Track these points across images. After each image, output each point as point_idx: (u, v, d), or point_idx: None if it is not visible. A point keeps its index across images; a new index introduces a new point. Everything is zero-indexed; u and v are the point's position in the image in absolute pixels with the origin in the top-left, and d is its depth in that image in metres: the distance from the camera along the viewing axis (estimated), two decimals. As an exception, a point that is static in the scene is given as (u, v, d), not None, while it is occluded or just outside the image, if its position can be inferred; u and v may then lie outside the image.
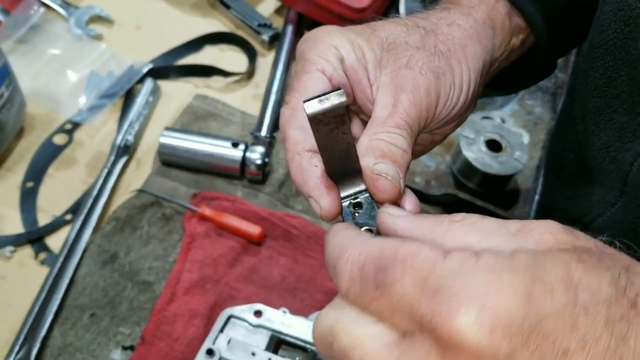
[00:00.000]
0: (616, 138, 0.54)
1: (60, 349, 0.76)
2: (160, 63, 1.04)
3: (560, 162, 0.66)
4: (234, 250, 0.86)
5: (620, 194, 0.55)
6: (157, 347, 0.77)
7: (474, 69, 0.50)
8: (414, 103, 0.45)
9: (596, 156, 0.57)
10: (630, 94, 0.52)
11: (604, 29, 0.54)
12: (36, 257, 0.83)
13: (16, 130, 0.93)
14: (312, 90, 0.45)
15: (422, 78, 0.46)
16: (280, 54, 1.05)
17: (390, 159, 0.43)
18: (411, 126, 0.45)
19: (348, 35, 0.48)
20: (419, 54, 0.48)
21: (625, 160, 0.53)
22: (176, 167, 0.93)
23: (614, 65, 0.53)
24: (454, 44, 0.50)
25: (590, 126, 0.58)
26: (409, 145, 0.44)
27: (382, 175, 0.42)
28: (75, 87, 1.00)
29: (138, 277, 0.83)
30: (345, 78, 0.48)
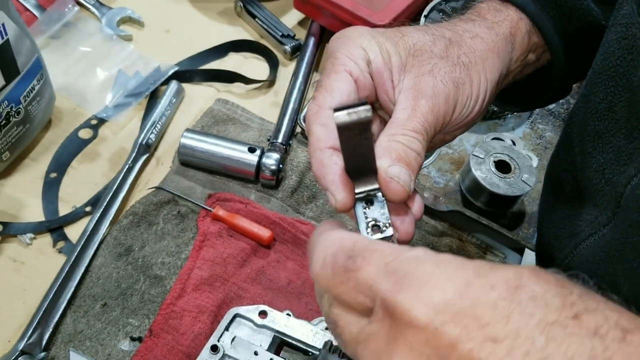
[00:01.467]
0: (613, 161, 0.56)
1: (71, 335, 0.80)
2: (186, 66, 1.08)
3: (558, 183, 0.69)
4: (243, 251, 0.89)
5: (613, 215, 0.56)
6: (164, 340, 0.79)
7: (491, 81, 0.54)
8: (432, 109, 0.49)
9: (592, 178, 0.59)
10: (628, 119, 0.54)
11: (607, 56, 0.56)
12: (54, 245, 0.87)
13: (44, 123, 0.97)
14: (338, 89, 0.49)
15: (442, 86, 0.50)
16: (301, 65, 1.08)
17: (404, 162, 0.47)
18: (427, 131, 0.48)
19: (378, 38, 0.51)
20: (442, 63, 0.51)
21: (619, 182, 0.55)
22: (194, 167, 0.96)
23: (614, 91, 0.55)
24: (475, 56, 0.53)
25: (587, 148, 0.60)
26: (423, 149, 0.48)
27: (395, 178, 0.46)
28: (103, 85, 1.04)
29: (150, 271, 0.86)
30: (370, 80, 0.51)
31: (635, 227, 0.52)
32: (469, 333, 0.32)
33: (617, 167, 0.56)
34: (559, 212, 0.69)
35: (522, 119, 1.14)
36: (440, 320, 0.33)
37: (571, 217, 0.65)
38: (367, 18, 1.06)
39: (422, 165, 0.49)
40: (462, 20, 0.58)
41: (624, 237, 0.54)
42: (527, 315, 0.32)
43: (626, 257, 0.54)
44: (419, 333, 0.33)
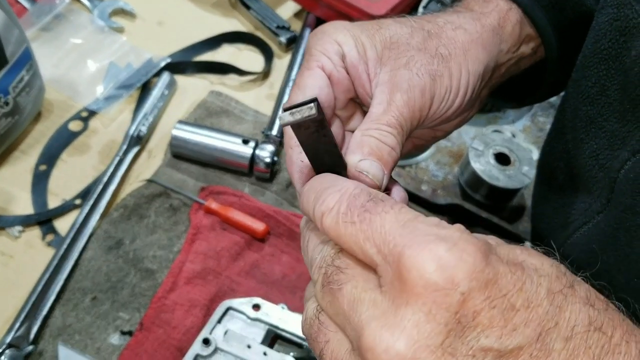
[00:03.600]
0: (606, 146, 0.55)
1: (60, 329, 0.77)
2: (179, 58, 1.06)
3: (551, 172, 0.67)
4: (237, 244, 0.87)
5: (607, 202, 0.55)
6: (155, 334, 0.77)
7: (474, 73, 0.51)
8: (407, 103, 0.47)
9: (585, 165, 0.58)
10: (621, 102, 0.52)
11: (598, 39, 0.54)
12: (43, 238, 0.85)
13: (33, 115, 0.95)
14: (310, 86, 0.47)
15: (418, 79, 0.48)
16: (296, 57, 1.07)
17: (376, 156, 0.45)
18: (402, 125, 0.47)
19: (353, 31, 0.50)
20: (418, 56, 0.49)
21: (613, 167, 0.53)
22: (186, 160, 0.94)
23: (607, 74, 0.54)
24: (455, 47, 0.51)
25: (580, 134, 0.58)
26: (397, 143, 0.46)
27: (364, 173, 0.44)
28: (94, 77, 1.02)
29: (141, 264, 0.84)
30: (345, 74, 0.49)
31: (628, 212, 0.51)
32: (493, 301, 0.32)
33: (610, 152, 0.55)
34: (552, 202, 0.67)
35: (522, 111, 1.13)
36: (469, 286, 0.32)
37: (564, 206, 0.64)
38: (365, 9, 1.05)
39: (398, 160, 0.47)
40: (447, 12, 0.56)
41: (617, 223, 0.53)
42: (536, 285, 0.33)
43: (619, 243, 0.52)
44: (441, 297, 0.32)
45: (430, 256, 0.32)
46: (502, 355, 0.32)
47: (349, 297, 0.35)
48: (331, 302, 0.36)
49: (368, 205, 0.36)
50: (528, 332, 0.32)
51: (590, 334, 0.33)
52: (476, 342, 0.32)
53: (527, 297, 0.33)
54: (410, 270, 0.32)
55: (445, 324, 0.32)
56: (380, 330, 0.32)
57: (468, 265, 0.32)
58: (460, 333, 0.32)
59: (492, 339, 0.32)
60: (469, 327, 0.32)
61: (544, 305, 0.33)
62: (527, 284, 0.33)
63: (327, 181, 0.40)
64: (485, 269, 0.32)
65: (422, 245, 0.32)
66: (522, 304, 0.32)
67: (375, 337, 0.32)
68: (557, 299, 0.33)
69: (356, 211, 0.36)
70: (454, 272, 0.32)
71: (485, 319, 0.32)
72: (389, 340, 0.32)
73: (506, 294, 0.32)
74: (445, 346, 0.32)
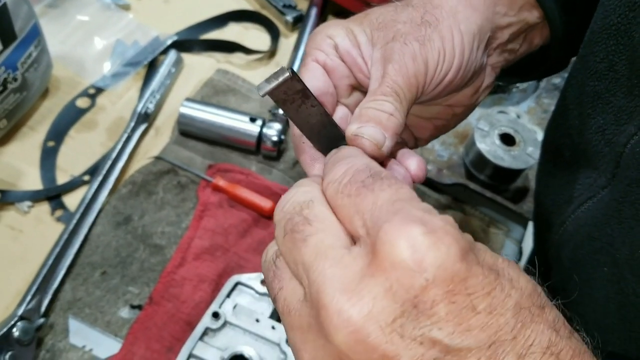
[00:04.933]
0: (613, 121, 0.55)
1: (70, 303, 0.78)
2: (185, 36, 1.06)
3: (556, 149, 0.68)
4: (244, 221, 0.88)
5: (612, 176, 0.56)
6: (165, 308, 0.79)
7: (467, 33, 0.51)
8: (399, 71, 0.47)
9: (591, 140, 0.58)
10: (629, 77, 0.53)
11: (607, 14, 0.55)
12: (52, 213, 0.86)
13: (41, 91, 0.95)
14: (306, 79, 0.49)
15: (406, 47, 0.48)
16: (302, 36, 1.07)
17: (375, 122, 0.45)
18: (398, 92, 0.47)
19: (343, 24, 0.52)
20: (405, 27, 0.50)
21: (619, 142, 0.54)
22: (194, 137, 0.95)
23: (615, 50, 0.54)
24: (442, 11, 0.52)
25: (586, 110, 0.59)
26: (396, 109, 0.46)
27: (360, 135, 0.44)
28: (101, 54, 1.02)
29: (150, 240, 0.85)
30: (340, 62, 0.50)
31: (634, 186, 0.51)
32: (454, 296, 0.32)
33: (617, 127, 0.55)
34: (558, 178, 0.68)
35: (527, 93, 1.13)
36: (434, 275, 0.32)
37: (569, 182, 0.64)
38: (371, -12, 1.04)
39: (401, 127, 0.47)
40: None
41: (623, 197, 0.53)
42: (505, 295, 0.33)
43: (624, 217, 0.53)
44: (405, 277, 0.32)
45: (406, 235, 0.32)
46: (449, 352, 0.32)
47: (313, 249, 0.35)
48: (290, 249, 0.37)
49: (367, 180, 0.37)
50: (482, 337, 0.32)
51: (546, 357, 0.32)
52: (427, 331, 0.31)
53: (492, 303, 0.32)
54: (383, 244, 0.32)
55: (401, 304, 0.32)
56: (340, 293, 0.32)
57: (440, 254, 0.32)
58: (414, 317, 0.32)
59: (444, 333, 0.31)
60: (424, 314, 0.32)
61: (507, 316, 0.32)
62: (497, 290, 0.33)
63: (343, 154, 0.42)
64: (457, 264, 0.32)
65: (402, 224, 0.33)
66: (485, 309, 0.32)
67: (333, 297, 0.32)
68: (523, 314, 0.33)
69: (355, 185, 0.37)
70: (424, 256, 0.32)
71: (442, 311, 0.32)
72: (345, 305, 0.32)
73: (471, 294, 0.32)
74: (396, 325, 0.31)
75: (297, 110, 0.43)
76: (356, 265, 0.33)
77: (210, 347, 0.72)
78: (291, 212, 0.38)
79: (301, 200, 0.38)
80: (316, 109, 0.44)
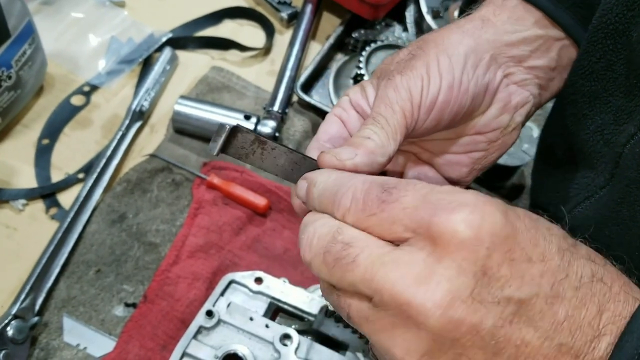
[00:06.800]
0: (611, 121, 0.55)
1: (65, 301, 0.79)
2: (180, 33, 1.06)
3: (551, 148, 0.68)
4: (239, 219, 0.88)
5: (611, 177, 0.56)
6: (159, 306, 0.79)
7: (455, 55, 0.53)
8: (382, 101, 0.51)
9: (588, 140, 0.58)
10: (627, 77, 0.53)
11: (605, 13, 0.55)
12: (47, 211, 0.86)
13: (36, 89, 0.95)
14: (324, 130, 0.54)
15: (389, 82, 0.52)
16: (297, 32, 1.06)
17: (347, 144, 0.48)
18: (378, 119, 0.50)
19: (361, 83, 0.57)
20: (394, 67, 0.53)
21: (618, 142, 0.54)
22: (188, 135, 0.95)
23: (613, 49, 0.54)
24: (428, 44, 0.54)
25: (583, 110, 0.59)
26: (375, 132, 0.49)
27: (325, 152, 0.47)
28: (96, 51, 1.02)
29: (145, 238, 0.85)
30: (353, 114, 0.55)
31: (633, 186, 0.52)
32: (512, 254, 0.36)
33: (616, 127, 0.55)
34: (553, 177, 0.68)
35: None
36: (491, 242, 0.36)
37: (565, 181, 0.64)
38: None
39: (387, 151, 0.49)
40: None
41: (621, 197, 0.53)
42: (548, 242, 0.38)
43: (622, 217, 0.53)
44: (469, 253, 0.36)
45: (458, 219, 0.36)
46: (523, 303, 0.36)
47: (365, 264, 0.38)
48: (342, 276, 0.39)
49: (383, 196, 0.39)
50: (543, 282, 0.36)
51: (594, 284, 0.38)
52: (500, 292, 0.36)
53: (542, 252, 0.37)
54: (442, 233, 0.36)
55: (473, 276, 0.35)
56: (416, 286, 0.36)
57: (490, 224, 0.36)
58: (486, 284, 0.36)
59: (513, 289, 0.36)
60: (493, 278, 0.36)
61: (556, 259, 0.37)
62: (540, 240, 0.37)
63: (333, 182, 0.43)
64: (505, 226, 0.36)
65: (448, 211, 0.36)
66: (538, 258, 0.37)
67: (411, 292, 0.36)
68: (566, 255, 0.38)
69: (374, 204, 0.39)
70: (479, 230, 0.36)
71: (507, 271, 0.36)
72: (426, 294, 0.35)
73: (524, 248, 0.37)
74: (475, 295, 0.35)
75: (261, 158, 0.46)
76: (417, 260, 0.36)
77: (203, 346, 0.72)
78: (324, 245, 0.40)
79: (326, 231, 0.41)
80: (277, 150, 0.46)
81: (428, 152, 0.60)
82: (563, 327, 0.36)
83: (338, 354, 0.72)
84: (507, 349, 0.36)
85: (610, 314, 0.38)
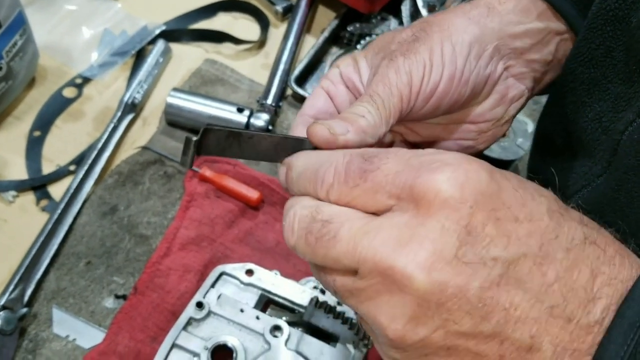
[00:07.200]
0: (610, 108, 0.55)
1: (54, 292, 0.78)
2: (174, 26, 1.06)
3: (549, 137, 0.67)
4: (231, 212, 0.88)
5: (608, 164, 0.55)
6: (149, 298, 0.78)
7: (460, 43, 0.52)
8: (380, 81, 0.49)
9: (587, 128, 0.57)
10: (626, 63, 0.52)
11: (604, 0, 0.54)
12: (38, 203, 0.85)
13: (27, 80, 0.95)
14: (311, 104, 0.53)
15: (391, 62, 0.50)
16: (292, 26, 1.06)
17: (339, 118, 0.46)
18: (375, 98, 0.48)
19: (352, 55, 0.55)
20: (396, 47, 0.52)
21: (616, 130, 0.53)
22: (181, 127, 0.94)
23: (613, 35, 0.53)
24: (432, 27, 0.53)
25: (582, 98, 0.58)
26: (369, 112, 0.47)
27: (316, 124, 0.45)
28: (89, 43, 1.02)
29: (136, 230, 0.84)
30: (342, 87, 0.54)
31: (631, 173, 0.51)
32: (497, 213, 0.35)
33: (614, 114, 0.55)
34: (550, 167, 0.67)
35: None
36: (475, 200, 0.35)
37: (563, 170, 0.64)
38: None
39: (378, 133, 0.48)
40: None
41: (619, 185, 0.53)
42: (537, 203, 0.37)
43: (619, 205, 0.53)
44: (452, 212, 0.35)
45: (440, 179, 0.35)
46: (510, 263, 0.35)
47: (347, 238, 0.37)
48: (326, 254, 0.38)
49: (364, 165, 0.38)
50: (531, 242, 0.35)
51: (587, 246, 0.36)
52: (486, 252, 0.35)
53: (529, 212, 0.36)
54: (424, 194, 0.35)
55: (457, 236, 0.35)
56: (399, 250, 0.35)
57: (474, 181, 0.35)
58: (471, 244, 0.35)
59: (500, 249, 0.35)
60: (478, 238, 0.35)
61: (545, 220, 0.36)
62: (529, 199, 0.36)
63: (314, 161, 0.42)
64: (490, 184, 0.36)
65: (430, 171, 0.36)
66: (525, 217, 0.36)
67: (394, 256, 0.35)
68: (556, 216, 0.37)
69: (356, 175, 0.38)
70: (462, 188, 0.35)
71: (492, 230, 0.35)
72: (409, 256, 0.35)
73: (510, 207, 0.36)
74: (460, 256, 0.34)
75: (240, 149, 0.45)
76: (400, 224, 0.36)
77: (193, 337, 0.72)
78: (305, 227, 0.39)
79: (306, 212, 0.40)
80: (255, 138, 0.46)
81: (416, 134, 0.59)
82: (554, 290, 0.35)
83: (328, 346, 0.72)
84: (496, 312, 0.34)
85: (605, 277, 0.36)
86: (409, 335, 0.36)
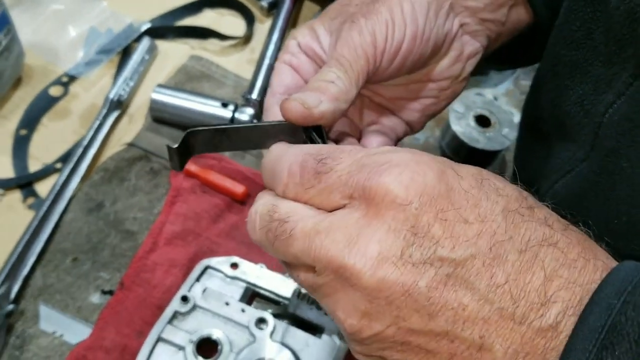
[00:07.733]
0: (591, 91, 0.55)
1: (41, 289, 0.78)
2: (159, 23, 1.06)
3: (534, 124, 0.67)
4: (217, 207, 0.88)
5: (591, 148, 0.55)
6: (136, 293, 0.78)
7: (417, 2, 0.52)
8: (345, 44, 0.49)
9: (570, 112, 0.57)
10: (607, 45, 0.52)
11: None
12: (24, 201, 0.86)
13: (13, 80, 0.95)
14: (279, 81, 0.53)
15: (353, 24, 0.50)
16: (277, 21, 1.06)
17: (310, 89, 0.46)
18: (342, 62, 0.48)
19: (307, 24, 0.55)
20: (355, 9, 0.52)
21: (598, 112, 0.53)
22: (167, 124, 0.95)
23: (592, 17, 0.54)
24: None
25: (564, 81, 0.58)
26: (339, 77, 0.47)
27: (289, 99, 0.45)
28: (74, 42, 1.02)
29: (122, 226, 0.85)
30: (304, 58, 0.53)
31: (612, 156, 0.51)
32: (444, 214, 0.35)
33: (595, 96, 0.55)
34: (536, 153, 0.67)
35: (506, 75, 1.12)
36: (420, 202, 0.35)
37: (549, 156, 0.64)
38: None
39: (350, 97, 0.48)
40: None
41: (600, 169, 0.53)
42: (492, 203, 0.36)
43: (600, 188, 0.53)
44: (398, 213, 0.35)
45: (388, 180, 0.36)
46: (458, 264, 0.35)
47: (302, 236, 0.38)
48: (285, 251, 0.39)
49: (318, 167, 0.39)
50: (480, 243, 0.35)
51: (545, 248, 0.35)
52: (432, 252, 0.35)
53: (481, 212, 0.36)
54: (375, 194, 0.36)
55: (403, 237, 0.35)
56: (348, 248, 0.36)
57: (419, 183, 0.35)
58: (417, 245, 0.35)
59: (446, 250, 0.35)
60: (424, 238, 0.35)
61: (498, 221, 0.36)
62: (482, 200, 0.36)
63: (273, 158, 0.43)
64: (437, 185, 0.36)
65: (379, 173, 0.36)
66: (476, 218, 0.35)
67: (344, 254, 0.36)
68: (513, 217, 0.36)
69: (310, 176, 0.39)
70: (407, 190, 0.35)
71: (438, 231, 0.35)
72: (357, 255, 0.35)
73: (459, 208, 0.35)
74: (405, 257, 0.35)
75: (231, 143, 0.46)
76: (350, 222, 0.36)
77: (179, 331, 0.72)
78: (265, 225, 0.40)
79: (265, 210, 0.40)
80: (243, 130, 0.46)
81: (380, 96, 0.59)
82: (504, 291, 0.34)
83: (314, 337, 0.72)
84: (444, 311, 0.35)
85: (562, 280, 0.35)
86: (365, 329, 0.36)
